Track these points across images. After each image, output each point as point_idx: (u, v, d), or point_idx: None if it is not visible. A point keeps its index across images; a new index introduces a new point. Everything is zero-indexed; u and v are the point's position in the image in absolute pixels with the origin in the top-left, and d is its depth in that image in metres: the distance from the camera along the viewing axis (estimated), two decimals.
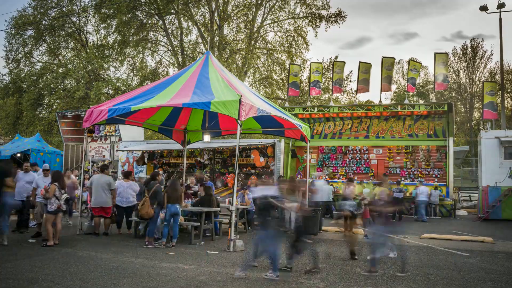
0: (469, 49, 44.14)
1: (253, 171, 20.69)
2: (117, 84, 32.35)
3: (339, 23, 32.10)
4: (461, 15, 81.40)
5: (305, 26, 33.17)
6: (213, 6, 32.11)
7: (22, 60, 36.36)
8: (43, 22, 34.74)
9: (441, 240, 11.24)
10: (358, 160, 20.47)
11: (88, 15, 35.63)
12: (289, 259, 7.42)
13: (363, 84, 20.44)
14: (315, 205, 12.32)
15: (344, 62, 21.95)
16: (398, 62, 49.93)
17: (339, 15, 31.89)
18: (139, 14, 32.66)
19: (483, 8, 24.16)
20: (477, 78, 44.06)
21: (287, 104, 23.51)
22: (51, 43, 36.16)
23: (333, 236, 11.70)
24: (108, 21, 32.79)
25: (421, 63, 26.53)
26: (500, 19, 23.85)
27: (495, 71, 42.80)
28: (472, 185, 25.93)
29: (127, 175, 11.51)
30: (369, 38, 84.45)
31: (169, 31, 33.45)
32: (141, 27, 32.12)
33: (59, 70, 34.10)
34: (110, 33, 33.90)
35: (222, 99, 9.26)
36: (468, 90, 44.53)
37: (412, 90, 22.62)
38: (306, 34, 33.47)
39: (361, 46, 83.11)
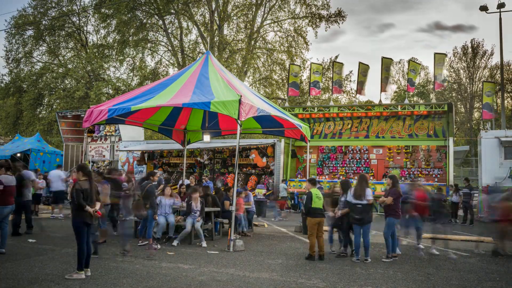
0: (469, 49, 44.15)
1: (253, 171, 20.71)
2: (117, 84, 32.36)
3: (339, 23, 32.15)
4: (437, 6, 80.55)
5: (305, 26, 33.22)
6: (213, 6, 32.11)
7: (22, 60, 36.37)
8: (43, 22, 34.75)
9: (441, 240, 11.23)
10: (358, 160, 20.47)
11: (88, 15, 35.67)
12: None
13: (361, 86, 20.49)
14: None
15: (343, 64, 21.98)
16: (399, 62, 50.01)
17: (339, 15, 31.90)
18: (139, 14, 32.67)
19: (483, 8, 24.14)
20: (477, 78, 44.07)
21: (287, 104, 23.52)
22: (51, 43, 36.18)
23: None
24: (108, 21, 32.79)
25: (420, 64, 26.56)
26: (500, 19, 23.85)
27: (495, 71, 42.79)
28: (472, 185, 25.88)
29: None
30: (342, 31, 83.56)
31: (169, 31, 33.45)
32: (141, 27, 32.12)
33: (59, 70, 34.09)
34: (110, 33, 33.94)
35: (222, 99, 9.26)
36: (468, 90, 44.53)
37: (411, 91, 22.64)
38: (306, 34, 33.54)
39: (335, 40, 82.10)
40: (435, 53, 19.49)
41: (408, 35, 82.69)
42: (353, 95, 32.22)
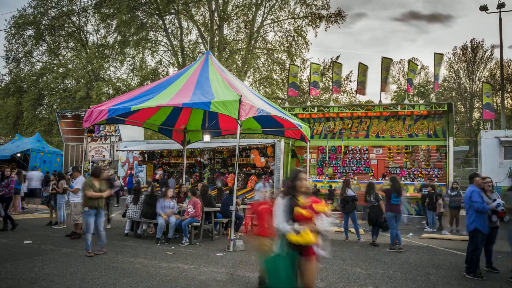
0: (469, 49, 44.17)
1: (253, 171, 20.71)
2: (117, 84, 32.36)
3: (339, 23, 32.16)
4: None
5: (305, 26, 33.22)
6: (213, 6, 32.12)
7: (22, 60, 36.38)
8: (43, 22, 34.73)
9: (441, 240, 11.25)
10: (358, 160, 20.47)
11: (88, 15, 35.67)
12: None
13: (361, 86, 20.50)
14: None
15: (341, 64, 22.00)
16: (399, 62, 50.05)
17: (339, 15, 31.92)
18: (139, 14, 32.67)
19: (483, 8, 24.15)
20: (477, 78, 44.07)
21: (287, 104, 23.51)
22: (51, 43, 36.17)
23: (333, 236, 11.70)
24: (108, 21, 32.81)
25: (417, 65, 26.59)
26: (500, 19, 23.85)
27: (495, 71, 42.80)
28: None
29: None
30: None
31: (169, 31, 33.46)
32: (141, 27, 32.11)
33: (59, 70, 34.10)
34: (110, 33, 33.96)
35: (222, 99, 9.26)
36: (468, 90, 44.55)
37: (410, 91, 22.65)
38: (306, 34, 33.54)
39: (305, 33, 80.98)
40: (435, 53, 19.53)
41: (383, 26, 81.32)
42: (353, 95, 32.24)
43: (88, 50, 35.28)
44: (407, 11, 79.05)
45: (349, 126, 20.72)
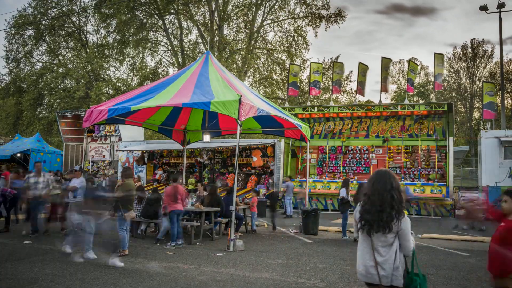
0: (469, 49, 44.17)
1: (253, 171, 20.70)
2: (117, 84, 32.36)
3: (339, 23, 32.16)
4: None
5: (305, 26, 33.23)
6: (213, 6, 32.12)
7: (22, 60, 36.37)
8: (43, 22, 34.74)
9: (441, 240, 11.24)
10: (358, 160, 20.47)
11: (88, 15, 35.67)
12: None
13: (361, 86, 20.52)
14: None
15: (343, 63, 22.01)
16: (399, 62, 50.05)
17: (339, 15, 31.92)
18: (139, 14, 32.68)
19: (483, 8, 24.16)
20: (477, 78, 44.06)
21: (287, 104, 23.51)
22: (51, 43, 36.18)
23: (333, 236, 11.70)
24: (108, 21, 32.81)
25: (418, 65, 26.59)
26: (500, 19, 23.86)
27: (495, 71, 42.78)
28: (472, 185, 25.92)
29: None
30: None
31: (169, 31, 33.47)
32: (141, 27, 32.12)
33: (59, 70, 34.10)
34: (110, 33, 33.94)
35: (222, 99, 9.26)
36: (468, 90, 44.54)
37: (411, 91, 22.65)
38: (306, 34, 33.54)
39: None
40: (435, 53, 19.56)
41: (366, 21, 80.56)
42: (353, 95, 32.24)
43: (88, 50, 35.28)
44: (390, 4, 78.82)
45: (349, 126, 20.72)
